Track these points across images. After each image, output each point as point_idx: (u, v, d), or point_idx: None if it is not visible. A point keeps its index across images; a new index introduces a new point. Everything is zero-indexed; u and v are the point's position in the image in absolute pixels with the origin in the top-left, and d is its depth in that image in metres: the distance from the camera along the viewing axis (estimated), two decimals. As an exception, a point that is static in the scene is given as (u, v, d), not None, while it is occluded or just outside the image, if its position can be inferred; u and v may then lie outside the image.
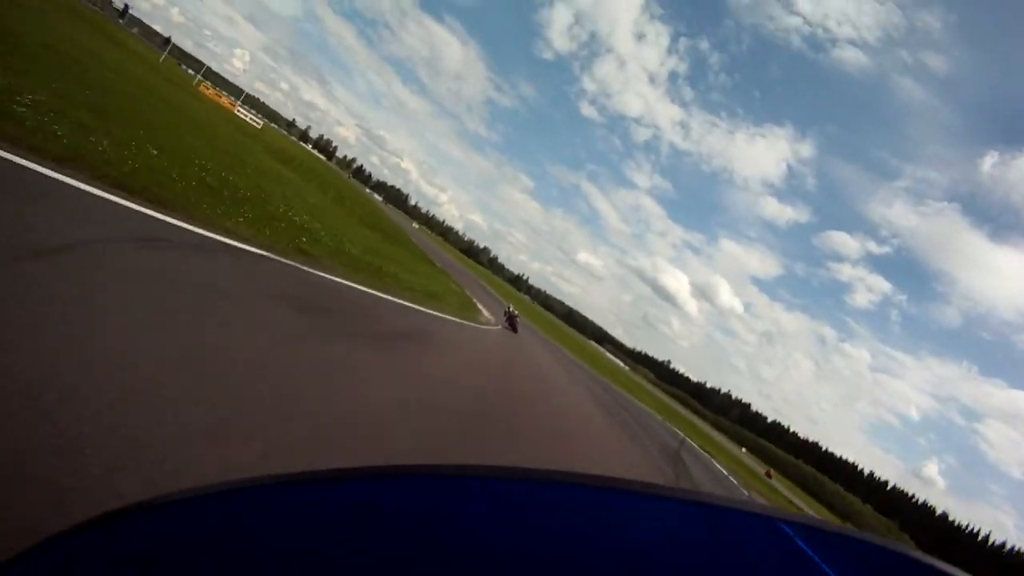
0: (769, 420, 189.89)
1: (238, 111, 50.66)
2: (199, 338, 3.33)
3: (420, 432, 4.64)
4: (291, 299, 5.43)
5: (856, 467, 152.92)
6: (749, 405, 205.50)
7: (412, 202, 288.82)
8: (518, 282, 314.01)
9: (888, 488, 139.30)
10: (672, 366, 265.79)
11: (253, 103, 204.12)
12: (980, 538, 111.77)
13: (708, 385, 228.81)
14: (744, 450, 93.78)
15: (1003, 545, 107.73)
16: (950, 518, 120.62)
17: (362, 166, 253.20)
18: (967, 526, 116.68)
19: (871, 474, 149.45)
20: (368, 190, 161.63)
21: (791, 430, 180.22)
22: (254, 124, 50.52)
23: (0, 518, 1.55)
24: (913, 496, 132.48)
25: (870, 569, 0.51)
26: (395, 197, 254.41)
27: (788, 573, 0.50)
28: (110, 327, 2.79)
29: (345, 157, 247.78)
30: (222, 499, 0.56)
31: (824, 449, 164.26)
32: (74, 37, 15.20)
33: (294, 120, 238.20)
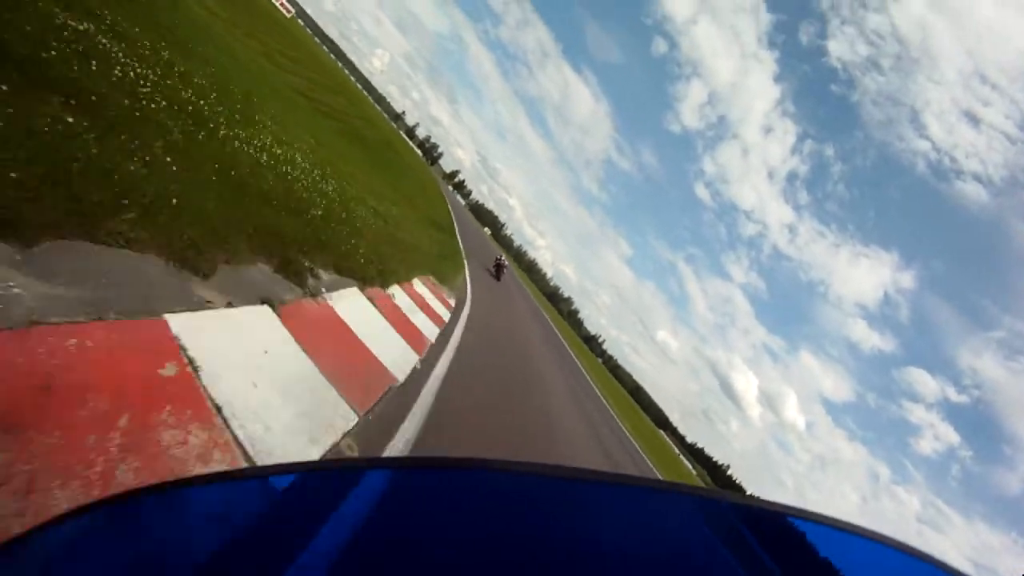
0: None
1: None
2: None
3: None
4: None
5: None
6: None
7: (507, 232, 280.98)
8: (592, 342, 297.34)
9: None
10: (730, 472, 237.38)
11: (382, 103, 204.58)
12: None
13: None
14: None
15: None
16: None
17: (463, 181, 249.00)
18: None
19: None
20: (451, 188, 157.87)
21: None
22: (284, 11, 47.20)
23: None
24: None
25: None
26: (490, 221, 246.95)
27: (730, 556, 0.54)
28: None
29: (453, 173, 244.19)
30: (222, 488, 0.56)
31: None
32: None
33: (403, 112, 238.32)
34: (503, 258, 28.50)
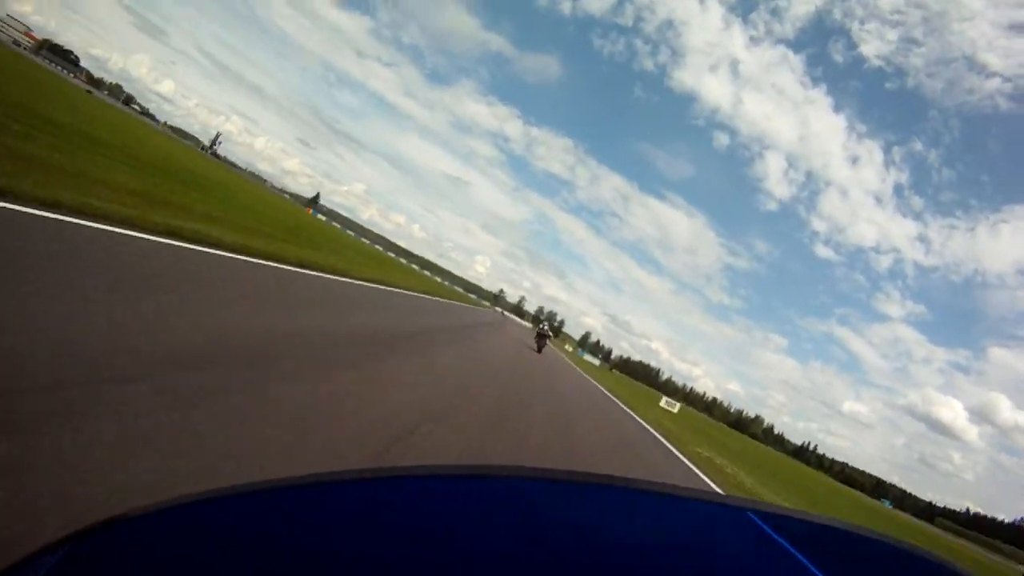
0: None
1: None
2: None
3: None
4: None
5: None
6: None
7: (666, 377, 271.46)
8: (803, 453, 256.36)
9: None
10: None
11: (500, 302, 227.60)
12: None
13: None
14: None
15: None
16: None
17: (599, 341, 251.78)
18: None
19: None
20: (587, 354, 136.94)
21: None
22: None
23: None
24: None
25: (858, 561, 0.56)
26: (644, 374, 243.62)
27: (764, 565, 0.54)
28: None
29: (584, 339, 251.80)
30: (224, 504, 0.55)
31: None
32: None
33: (501, 290, 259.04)
34: (546, 327, 29.54)
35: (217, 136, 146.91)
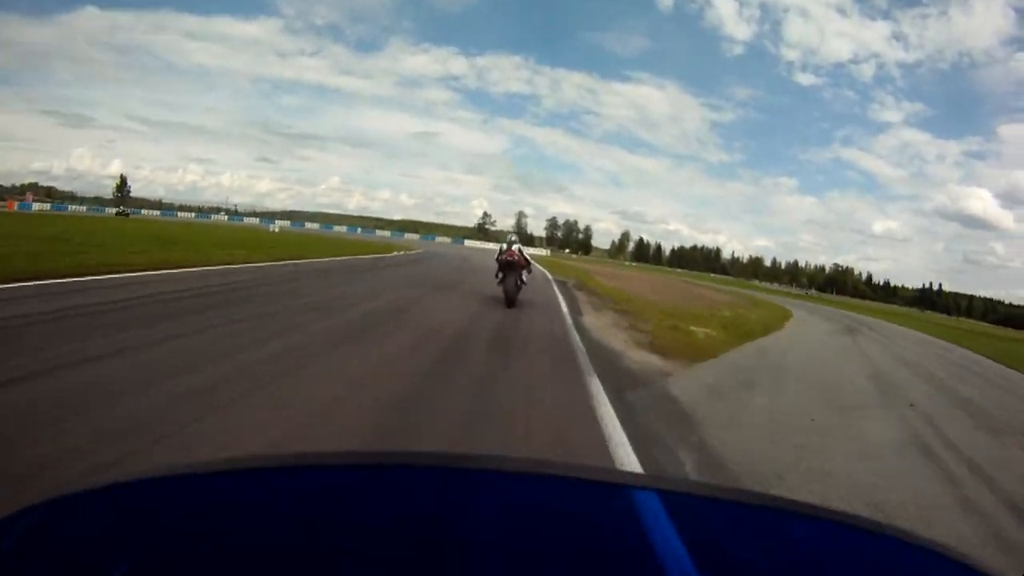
0: None
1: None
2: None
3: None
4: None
5: None
6: None
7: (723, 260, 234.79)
8: (928, 297, 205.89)
9: None
10: None
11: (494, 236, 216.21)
12: None
13: None
14: None
15: None
16: None
17: (642, 239, 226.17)
18: None
19: None
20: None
21: None
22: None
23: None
24: None
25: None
26: (689, 257, 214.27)
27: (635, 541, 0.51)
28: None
29: (623, 242, 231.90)
30: (204, 480, 0.56)
31: None
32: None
33: (486, 214, 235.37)
34: (514, 243, 12.46)
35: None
